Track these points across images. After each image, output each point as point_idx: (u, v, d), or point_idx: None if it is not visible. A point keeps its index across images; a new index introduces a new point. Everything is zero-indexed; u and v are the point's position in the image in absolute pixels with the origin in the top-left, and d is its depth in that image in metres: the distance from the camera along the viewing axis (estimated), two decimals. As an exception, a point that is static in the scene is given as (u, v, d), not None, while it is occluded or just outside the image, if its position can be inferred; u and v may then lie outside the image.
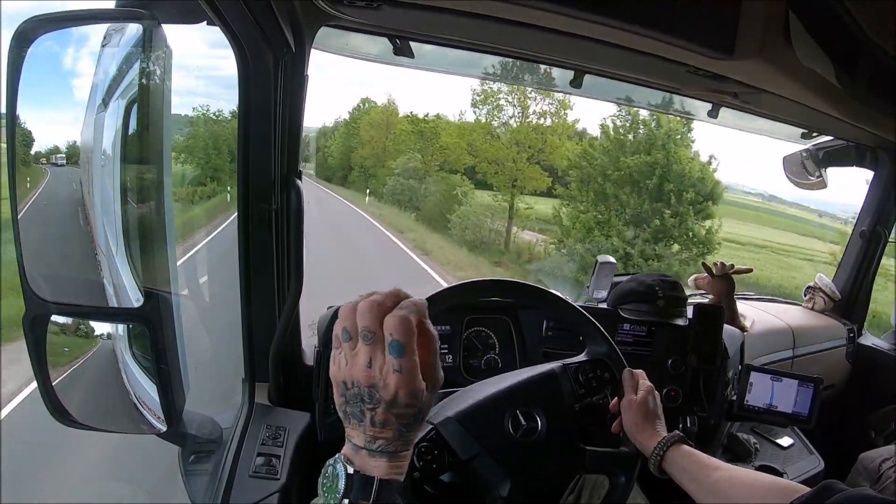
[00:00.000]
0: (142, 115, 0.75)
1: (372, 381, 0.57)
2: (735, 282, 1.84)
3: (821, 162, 2.10)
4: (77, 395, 0.86)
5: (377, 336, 0.57)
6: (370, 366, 0.57)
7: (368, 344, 0.57)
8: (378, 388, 0.57)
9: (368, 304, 0.58)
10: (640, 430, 1.02)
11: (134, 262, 0.81)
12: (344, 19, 1.06)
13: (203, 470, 1.06)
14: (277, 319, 1.21)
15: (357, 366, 0.58)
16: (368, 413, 0.58)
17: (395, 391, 0.57)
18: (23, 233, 0.77)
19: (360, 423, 0.59)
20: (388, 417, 0.58)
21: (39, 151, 0.82)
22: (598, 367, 1.04)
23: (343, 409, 0.61)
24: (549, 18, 0.92)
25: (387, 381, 0.57)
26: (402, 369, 0.57)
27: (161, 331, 0.80)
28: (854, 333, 2.21)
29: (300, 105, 1.12)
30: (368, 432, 0.59)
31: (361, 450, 0.60)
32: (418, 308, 0.58)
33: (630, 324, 1.56)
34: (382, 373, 0.57)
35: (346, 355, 0.59)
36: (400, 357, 0.57)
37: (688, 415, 1.53)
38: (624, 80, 1.46)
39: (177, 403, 0.85)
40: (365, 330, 0.57)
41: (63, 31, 0.77)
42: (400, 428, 0.59)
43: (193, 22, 0.93)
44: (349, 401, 0.60)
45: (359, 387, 0.58)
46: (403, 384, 0.57)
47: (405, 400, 0.58)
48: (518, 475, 0.92)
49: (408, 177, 21.22)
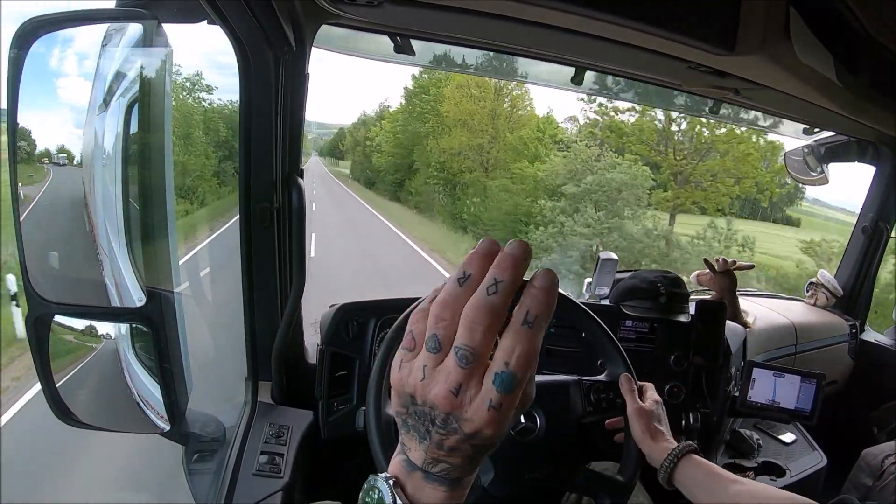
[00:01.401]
0: (143, 114, 0.75)
1: (454, 410, 0.43)
2: (737, 278, 1.84)
3: (822, 158, 2.10)
4: (80, 395, 0.86)
5: (481, 361, 0.42)
6: (457, 394, 0.43)
7: (464, 368, 0.42)
8: (459, 419, 0.43)
9: (482, 310, 0.42)
10: (648, 439, 0.96)
11: (136, 261, 0.81)
12: (344, 17, 1.05)
13: (206, 468, 1.07)
14: (280, 318, 1.21)
15: (438, 386, 0.43)
16: (437, 436, 0.45)
17: (479, 428, 0.43)
18: (25, 233, 0.77)
19: (423, 441, 0.46)
20: (462, 447, 0.45)
21: (41, 151, 0.82)
22: (612, 389, 1.02)
23: (403, 418, 0.47)
24: (550, 15, 0.92)
25: (475, 416, 0.43)
26: (501, 407, 0.42)
27: (164, 330, 0.80)
28: (856, 329, 2.20)
29: (301, 103, 1.12)
30: (431, 454, 0.46)
31: (417, 470, 0.47)
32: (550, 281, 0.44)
33: (632, 320, 1.56)
34: (472, 405, 0.43)
35: (423, 367, 0.44)
36: (506, 393, 0.42)
37: (690, 411, 1.53)
38: (625, 77, 1.46)
39: (180, 402, 0.85)
40: (465, 349, 0.42)
41: (63, 32, 0.77)
42: (473, 455, 0.46)
43: (194, 21, 0.93)
44: (412, 414, 0.46)
45: (433, 409, 0.44)
46: (496, 425, 0.43)
47: (490, 438, 0.44)
48: (503, 469, 0.90)
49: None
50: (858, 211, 2.21)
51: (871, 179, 2.16)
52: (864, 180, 2.18)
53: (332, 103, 35.23)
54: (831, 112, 1.42)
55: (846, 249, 2.29)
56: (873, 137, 1.98)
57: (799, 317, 2.09)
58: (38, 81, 0.75)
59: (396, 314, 0.91)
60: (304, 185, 1.17)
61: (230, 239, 1.15)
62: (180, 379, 0.85)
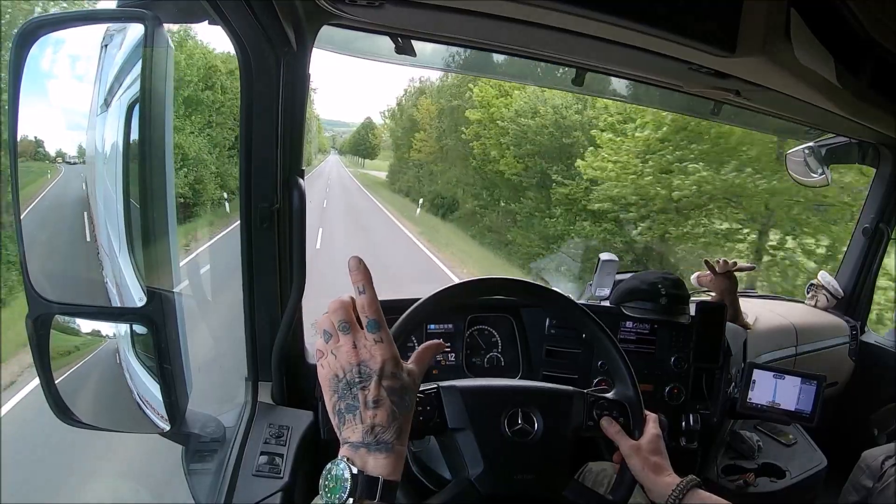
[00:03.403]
0: (143, 114, 0.75)
1: (360, 359, 0.66)
2: (737, 279, 1.84)
3: (823, 159, 2.10)
4: (80, 395, 0.86)
5: (353, 323, 0.67)
6: (355, 346, 0.66)
7: (348, 333, 0.67)
8: (367, 363, 0.66)
9: (337, 303, 0.68)
10: (649, 473, 0.94)
11: (136, 261, 0.81)
12: (346, 18, 1.05)
13: (206, 469, 1.07)
14: (280, 318, 1.21)
15: (343, 353, 0.66)
16: (361, 395, 0.65)
17: (381, 361, 0.66)
18: (26, 233, 0.77)
19: (355, 415, 0.64)
20: (380, 392, 0.65)
21: (57, 151, 0.82)
22: (616, 408, 0.99)
23: (336, 408, 0.66)
24: (551, 16, 0.92)
25: (372, 352, 0.66)
26: (382, 339, 0.67)
27: (164, 330, 0.80)
28: (857, 331, 2.20)
29: (302, 104, 1.12)
30: (366, 420, 0.64)
31: (360, 447, 0.64)
32: (370, 287, 0.68)
33: (633, 322, 1.56)
34: (367, 348, 0.66)
35: (332, 352, 0.67)
36: (378, 331, 0.67)
37: (690, 412, 1.53)
38: (626, 78, 1.46)
39: (180, 403, 0.85)
40: (341, 322, 0.67)
41: (64, 32, 0.77)
42: (392, 408, 0.65)
43: (195, 21, 0.93)
44: (342, 395, 0.66)
45: (350, 370, 0.65)
46: (388, 352, 0.66)
47: (391, 369, 0.66)
48: (493, 466, 0.90)
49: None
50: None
51: (871, 181, 2.16)
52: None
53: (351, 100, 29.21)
54: (832, 113, 1.43)
55: (846, 251, 2.29)
56: (874, 139, 1.98)
57: (799, 318, 2.09)
58: (38, 82, 0.76)
59: (397, 315, 0.91)
60: (305, 187, 1.17)
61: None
62: (180, 379, 0.85)
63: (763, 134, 6.31)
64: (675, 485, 0.92)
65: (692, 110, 1.93)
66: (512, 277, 1.05)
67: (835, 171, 2.11)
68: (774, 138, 7.47)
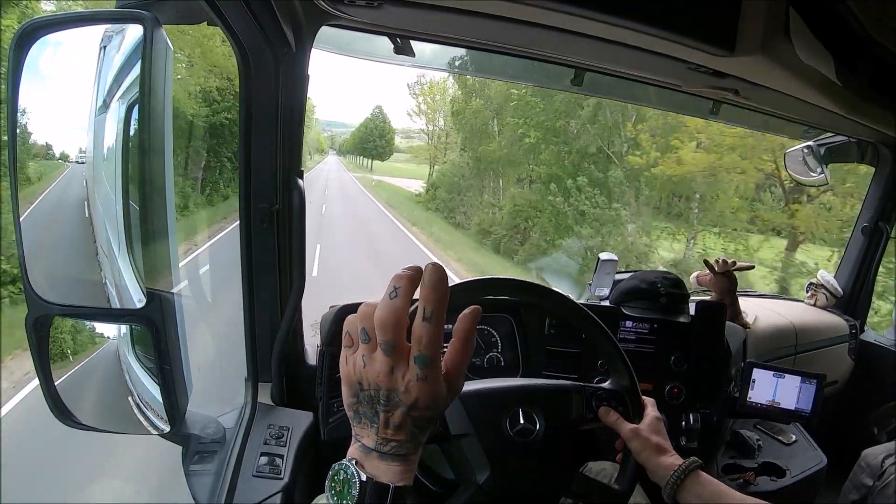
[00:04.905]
0: (142, 115, 0.75)
1: (393, 387, 0.55)
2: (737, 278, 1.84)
3: (822, 158, 2.10)
4: (80, 396, 0.86)
5: (400, 348, 0.55)
6: (392, 372, 0.55)
7: (389, 356, 0.55)
8: (398, 393, 0.55)
9: (385, 309, 0.54)
10: (651, 454, 0.94)
11: (136, 262, 0.81)
12: (345, 19, 1.06)
13: (206, 470, 1.07)
14: (280, 319, 1.21)
15: (375, 370, 0.55)
16: (383, 415, 0.57)
17: (416, 397, 0.55)
18: (25, 234, 0.77)
19: (373, 424, 0.58)
20: (405, 420, 0.57)
21: (62, 152, 0.82)
22: (614, 398, 1.00)
23: (354, 408, 0.59)
24: (549, 16, 0.92)
25: (409, 387, 0.55)
26: (427, 378, 0.55)
27: (164, 331, 0.80)
28: (856, 330, 2.20)
29: (302, 104, 1.12)
30: (381, 434, 0.57)
31: (372, 452, 0.58)
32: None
33: (633, 321, 1.56)
34: (405, 379, 0.55)
35: (362, 356, 0.56)
36: (426, 367, 0.55)
37: (690, 412, 1.53)
38: (625, 78, 1.46)
39: (180, 404, 0.85)
40: (384, 342, 0.54)
41: (64, 33, 0.77)
42: (414, 430, 0.58)
43: (194, 22, 0.93)
44: (362, 401, 0.58)
45: (376, 390, 0.56)
46: (427, 392, 0.56)
47: (425, 403, 0.56)
48: (500, 468, 0.90)
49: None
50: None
51: (870, 180, 2.17)
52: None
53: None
54: (831, 113, 1.43)
55: (846, 250, 2.29)
56: (873, 138, 1.98)
57: (799, 317, 2.09)
58: (38, 82, 0.76)
59: None
60: (304, 187, 1.17)
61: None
62: (180, 380, 0.85)
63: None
64: (678, 465, 0.92)
65: (691, 110, 1.92)
66: (512, 277, 1.05)
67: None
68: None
